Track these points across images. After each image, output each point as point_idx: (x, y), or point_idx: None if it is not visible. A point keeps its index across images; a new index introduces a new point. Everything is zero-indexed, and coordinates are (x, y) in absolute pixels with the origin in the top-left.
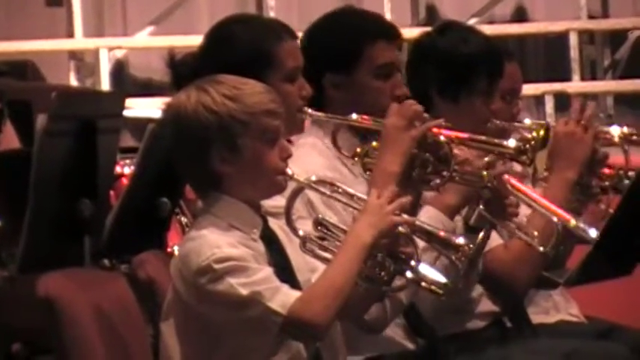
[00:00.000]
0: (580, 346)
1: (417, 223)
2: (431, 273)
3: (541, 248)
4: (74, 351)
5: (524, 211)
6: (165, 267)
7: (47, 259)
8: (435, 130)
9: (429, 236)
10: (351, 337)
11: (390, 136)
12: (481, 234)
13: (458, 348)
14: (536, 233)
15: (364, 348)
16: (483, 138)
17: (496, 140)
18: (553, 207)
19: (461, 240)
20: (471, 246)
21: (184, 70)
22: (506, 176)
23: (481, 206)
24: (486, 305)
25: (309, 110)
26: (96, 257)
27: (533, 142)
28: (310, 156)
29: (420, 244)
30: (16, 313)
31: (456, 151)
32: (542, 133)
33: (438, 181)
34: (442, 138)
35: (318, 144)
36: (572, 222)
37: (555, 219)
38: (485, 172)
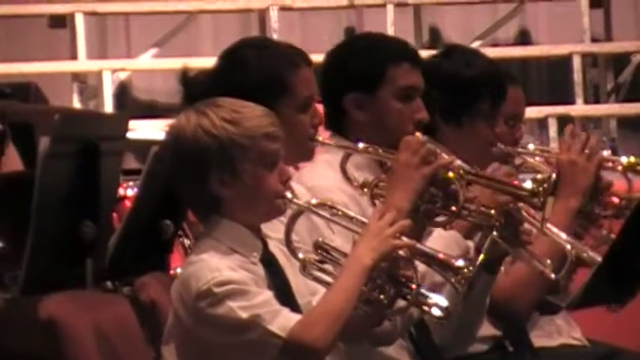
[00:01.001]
0: None
1: (417, 245)
2: (431, 296)
3: (552, 276)
4: None
5: None
6: (167, 290)
7: (49, 281)
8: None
9: (428, 259)
10: (354, 357)
11: (401, 173)
12: (481, 256)
13: None
14: (549, 262)
15: None
16: (498, 177)
17: (510, 181)
18: (568, 237)
19: (460, 262)
20: (471, 268)
21: (196, 89)
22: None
23: (495, 232)
24: (488, 329)
25: (319, 138)
26: (98, 279)
27: (546, 186)
28: (327, 173)
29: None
30: (18, 336)
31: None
32: (554, 177)
33: (444, 218)
34: (451, 174)
35: (334, 162)
36: (587, 253)
37: (569, 247)
38: (493, 212)
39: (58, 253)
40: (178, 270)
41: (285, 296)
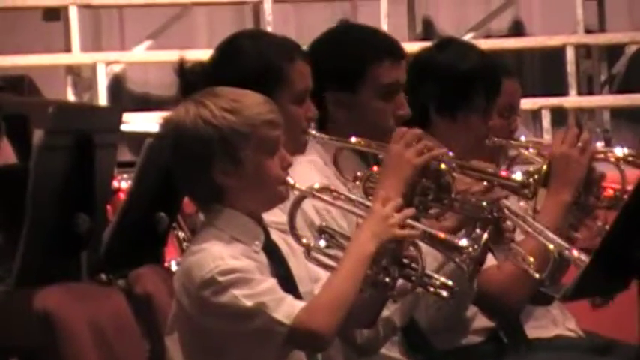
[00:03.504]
0: None
1: (420, 226)
2: (436, 276)
3: (537, 275)
4: None
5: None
6: (162, 282)
7: (44, 273)
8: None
9: (432, 239)
10: (349, 353)
11: (392, 163)
12: (485, 235)
13: None
14: (532, 259)
15: None
16: (490, 170)
17: (501, 172)
18: (550, 234)
19: (464, 242)
20: (476, 247)
21: (193, 80)
22: (503, 201)
23: (477, 230)
24: (482, 321)
25: (312, 132)
26: (93, 272)
27: (537, 177)
28: (309, 173)
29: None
30: (13, 328)
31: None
32: (545, 168)
33: (437, 209)
34: (443, 166)
35: (319, 162)
36: (569, 252)
37: (552, 246)
38: (485, 204)
39: (53, 246)
40: (173, 262)
41: (288, 284)
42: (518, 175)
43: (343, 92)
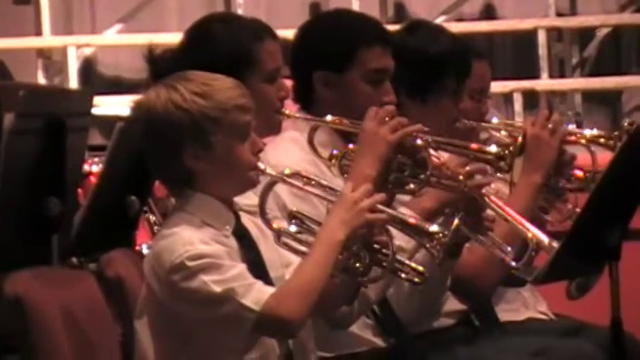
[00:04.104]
0: (548, 343)
1: (391, 212)
2: (407, 262)
3: (513, 263)
4: (42, 350)
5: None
6: (133, 265)
7: (15, 257)
8: (413, 134)
9: (403, 224)
10: (321, 335)
11: (367, 140)
12: (456, 221)
13: (427, 346)
14: (509, 249)
15: (335, 346)
16: (464, 143)
17: (476, 146)
18: (529, 225)
19: (434, 227)
20: (446, 233)
21: (163, 65)
22: (484, 190)
23: (457, 218)
24: (453, 304)
25: (287, 111)
26: (64, 256)
27: (512, 149)
28: (291, 150)
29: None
30: None
31: (434, 156)
32: (520, 139)
33: (413, 185)
34: (419, 142)
35: (300, 139)
36: (547, 241)
37: (530, 235)
38: (462, 177)
39: (24, 230)
40: (144, 246)
41: (258, 269)
42: (493, 148)
43: (331, 72)
